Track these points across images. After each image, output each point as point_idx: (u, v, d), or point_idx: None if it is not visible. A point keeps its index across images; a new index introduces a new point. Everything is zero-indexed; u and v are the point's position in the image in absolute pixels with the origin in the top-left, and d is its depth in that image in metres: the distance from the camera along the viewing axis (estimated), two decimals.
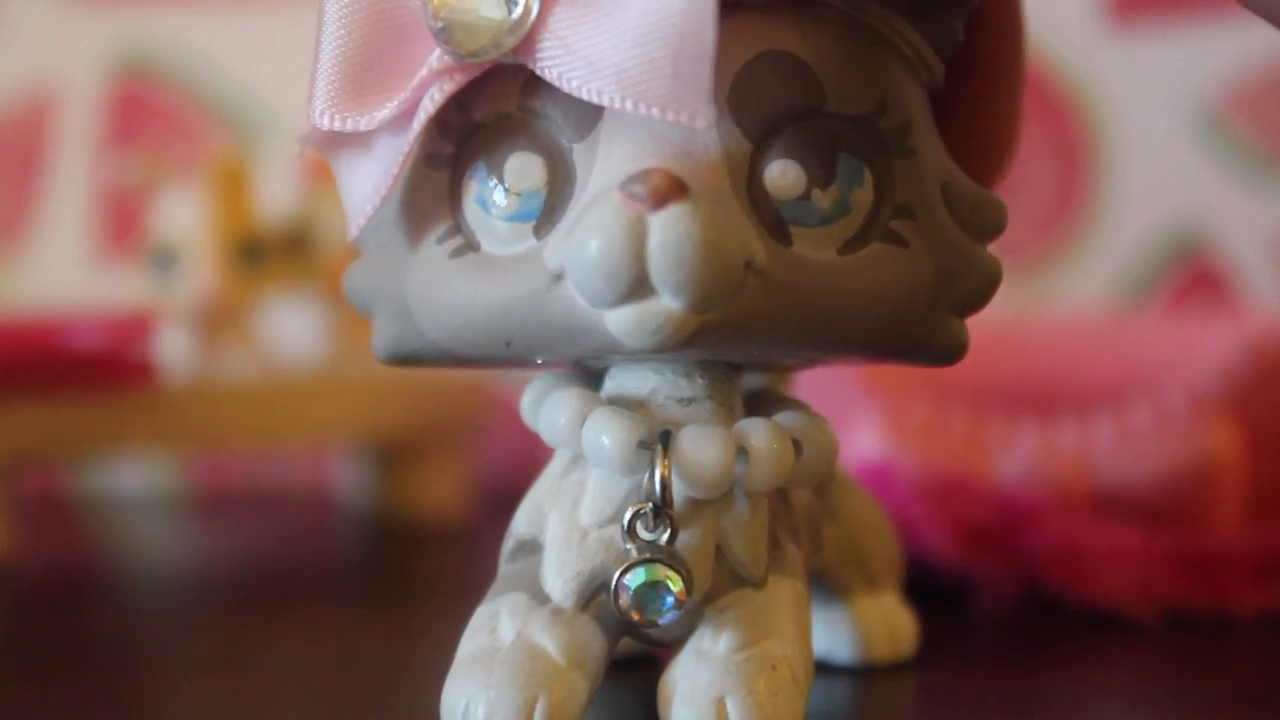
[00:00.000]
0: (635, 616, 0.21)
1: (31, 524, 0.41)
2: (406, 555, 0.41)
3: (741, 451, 0.21)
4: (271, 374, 0.44)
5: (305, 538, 0.45)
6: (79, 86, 0.56)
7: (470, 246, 0.22)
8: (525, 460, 0.51)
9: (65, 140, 0.56)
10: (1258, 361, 0.35)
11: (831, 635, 0.27)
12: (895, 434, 0.34)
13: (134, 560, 0.44)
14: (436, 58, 0.21)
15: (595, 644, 0.22)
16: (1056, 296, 0.53)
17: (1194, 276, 0.53)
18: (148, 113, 0.56)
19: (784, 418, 0.22)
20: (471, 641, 0.22)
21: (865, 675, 0.27)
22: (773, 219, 0.21)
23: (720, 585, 0.22)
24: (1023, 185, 0.53)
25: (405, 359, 0.23)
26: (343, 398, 0.44)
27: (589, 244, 0.20)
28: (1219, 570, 0.32)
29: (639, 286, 0.20)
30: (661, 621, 0.21)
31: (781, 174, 0.21)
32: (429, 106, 0.21)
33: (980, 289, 0.22)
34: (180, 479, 0.54)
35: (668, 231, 0.19)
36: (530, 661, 0.21)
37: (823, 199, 0.21)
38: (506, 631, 0.22)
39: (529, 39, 0.20)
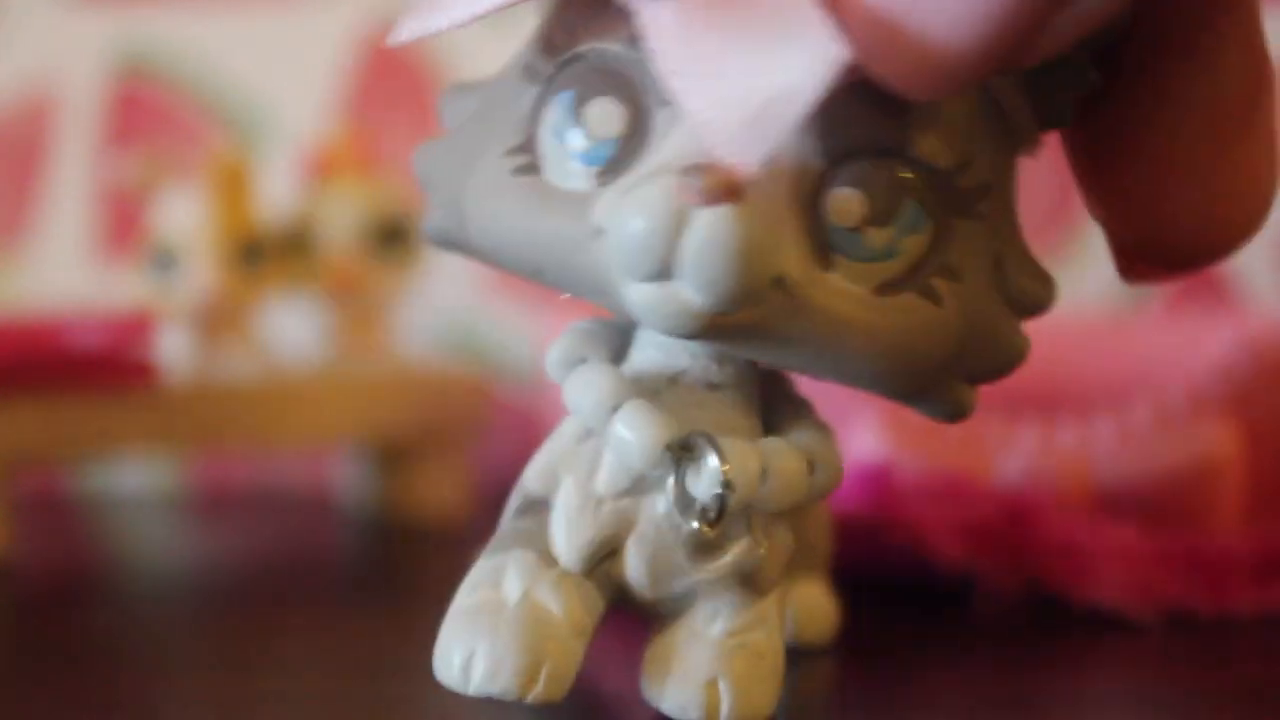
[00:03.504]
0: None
1: (31, 524, 0.41)
2: (406, 555, 0.41)
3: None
4: (271, 374, 0.44)
5: (305, 538, 0.45)
6: (79, 86, 0.56)
7: (534, 168, 0.22)
8: (525, 460, 0.51)
9: (65, 140, 0.56)
10: (1258, 361, 0.35)
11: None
12: (895, 434, 0.34)
13: (134, 560, 0.44)
14: None
15: (596, 610, 0.22)
16: (1057, 296, 0.53)
17: (1194, 276, 0.53)
18: (148, 113, 0.56)
19: (799, 437, 0.23)
20: (474, 593, 0.22)
21: (842, 668, 0.27)
22: (821, 241, 0.21)
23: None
24: (1022, 185, 0.53)
25: (449, 247, 0.23)
26: (343, 398, 0.44)
27: (632, 218, 0.20)
28: (1219, 570, 0.32)
29: (665, 271, 0.20)
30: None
31: (844, 201, 0.21)
32: None
33: (999, 366, 0.22)
34: (180, 479, 0.54)
35: (705, 230, 0.19)
36: (538, 625, 0.22)
37: (875, 237, 0.21)
38: (513, 589, 0.22)
39: None
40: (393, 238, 0.46)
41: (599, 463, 0.23)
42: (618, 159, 0.21)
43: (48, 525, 0.45)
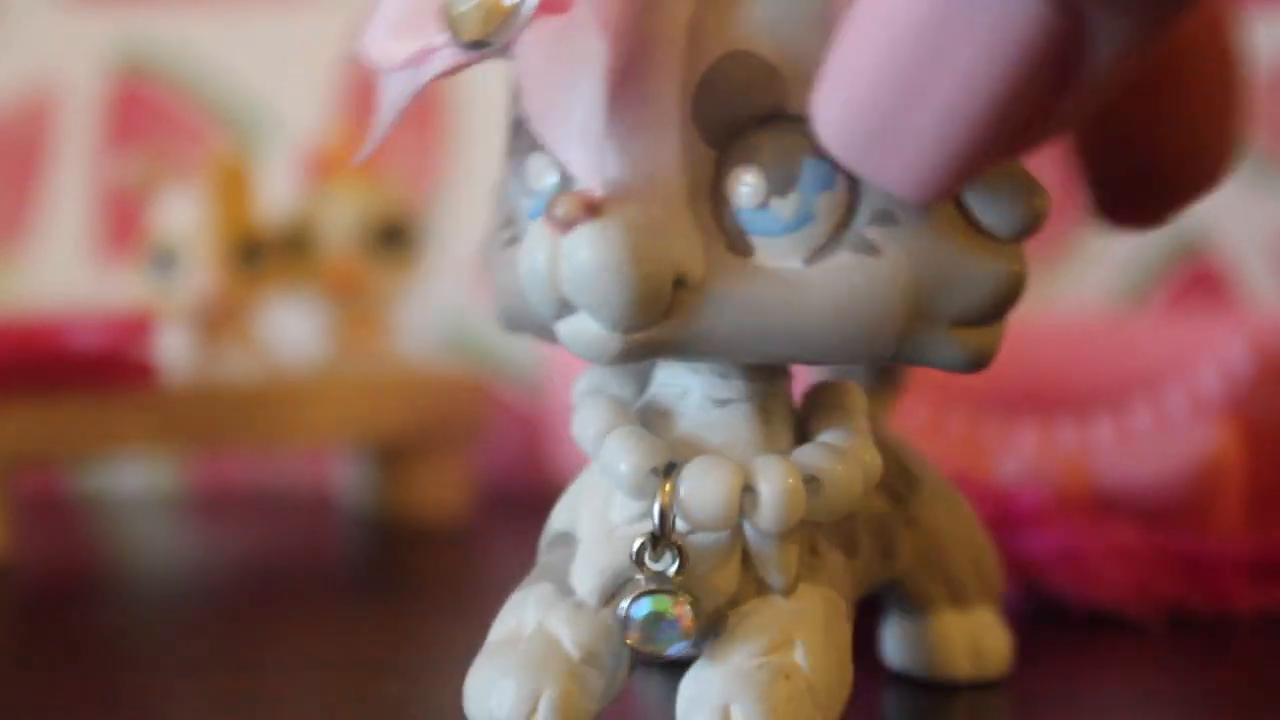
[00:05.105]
0: (642, 648, 0.21)
1: (31, 524, 0.41)
2: (406, 555, 0.41)
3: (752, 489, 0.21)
4: (271, 374, 0.44)
5: (305, 538, 0.45)
6: (79, 86, 0.56)
7: (517, 239, 0.22)
8: (525, 460, 0.51)
9: (65, 140, 0.56)
10: (1258, 361, 0.35)
11: (910, 648, 0.27)
12: None
13: (134, 560, 0.44)
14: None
15: (615, 640, 0.22)
16: (1056, 296, 0.53)
17: (1194, 276, 0.53)
18: (148, 113, 0.56)
19: (806, 451, 0.22)
20: (501, 627, 0.22)
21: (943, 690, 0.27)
22: (734, 229, 0.20)
23: (745, 590, 0.22)
24: None
25: (511, 330, 0.23)
26: (343, 398, 0.44)
27: (521, 266, 0.20)
28: (1219, 570, 0.32)
29: (564, 306, 0.20)
30: (669, 653, 0.21)
31: (740, 181, 0.20)
32: (430, 72, 0.21)
33: (982, 301, 0.20)
34: (180, 479, 0.54)
35: (573, 255, 0.19)
36: (544, 653, 0.21)
37: (783, 206, 0.20)
38: (529, 621, 0.22)
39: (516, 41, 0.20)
40: (393, 238, 0.46)
41: (614, 492, 0.22)
42: None
43: (48, 525, 0.45)
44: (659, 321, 0.20)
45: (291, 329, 0.48)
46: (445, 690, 0.22)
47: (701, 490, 0.21)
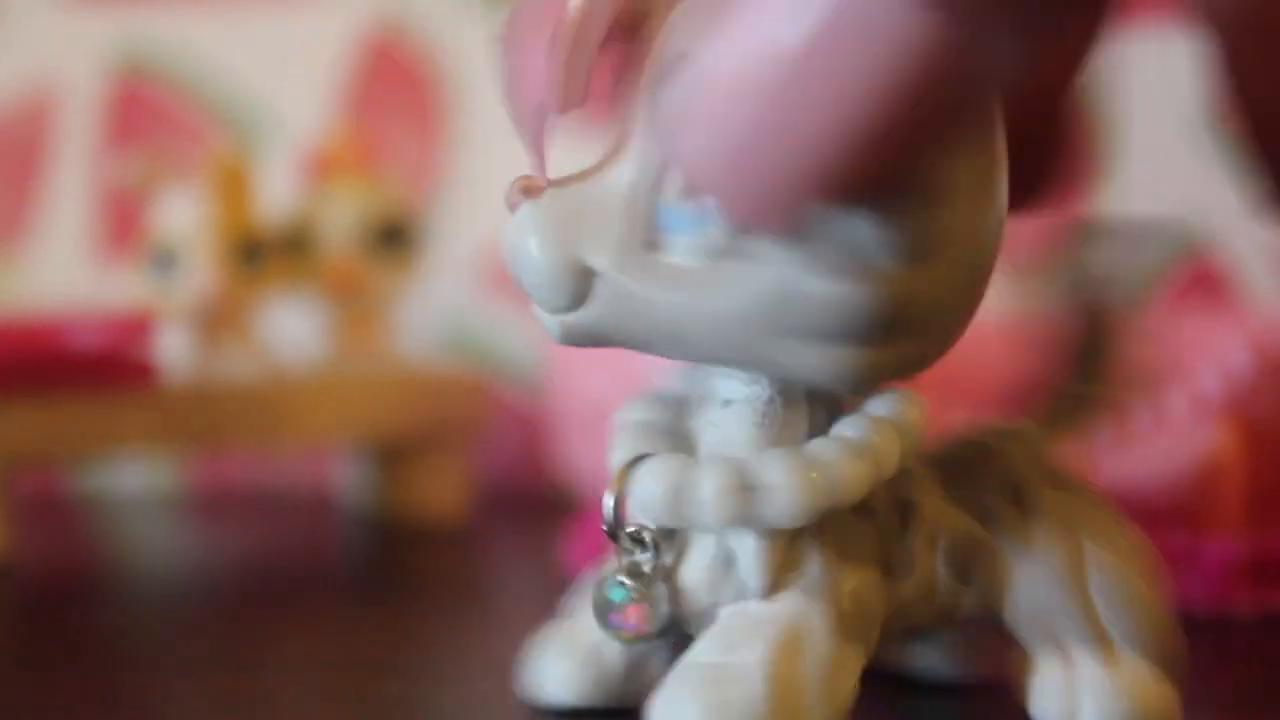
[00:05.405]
0: (607, 634, 0.22)
1: (31, 524, 0.41)
2: (406, 555, 0.41)
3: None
4: (271, 374, 0.44)
5: (305, 538, 0.45)
6: (79, 86, 0.56)
7: None
8: (525, 460, 0.51)
9: (65, 140, 0.56)
10: (1258, 362, 0.35)
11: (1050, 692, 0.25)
12: None
13: (134, 560, 0.44)
14: None
15: None
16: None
17: (1194, 276, 0.53)
18: (148, 113, 0.56)
19: (774, 455, 0.21)
20: (571, 605, 0.24)
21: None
22: (657, 225, 0.21)
23: (725, 592, 0.22)
24: None
25: None
26: (343, 398, 0.44)
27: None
28: (1219, 570, 0.32)
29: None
30: (620, 641, 0.22)
31: (666, 178, 0.21)
32: None
33: (819, 318, 0.20)
34: (180, 479, 0.54)
35: (506, 235, 0.21)
36: (576, 635, 0.23)
37: (690, 206, 0.21)
38: (580, 604, 0.24)
39: None
40: (393, 238, 0.46)
41: None
42: None
43: (48, 525, 0.45)
44: (577, 307, 0.21)
45: (291, 329, 0.48)
46: (445, 690, 0.22)
47: (643, 484, 0.21)
